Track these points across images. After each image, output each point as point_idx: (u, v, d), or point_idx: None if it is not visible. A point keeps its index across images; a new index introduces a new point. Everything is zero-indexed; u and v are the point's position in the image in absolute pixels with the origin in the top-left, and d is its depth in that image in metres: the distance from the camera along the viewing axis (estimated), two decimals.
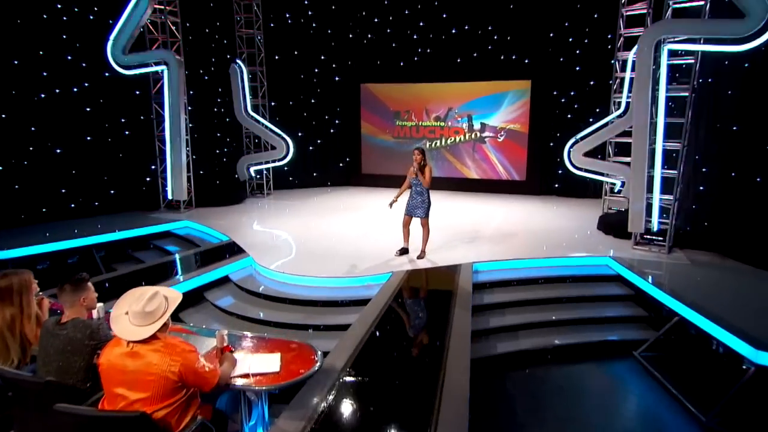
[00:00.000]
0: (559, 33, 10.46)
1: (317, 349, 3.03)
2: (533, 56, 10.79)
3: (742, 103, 5.99)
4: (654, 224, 6.31)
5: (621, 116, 8.19)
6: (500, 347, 4.92)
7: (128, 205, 8.90)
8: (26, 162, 7.54)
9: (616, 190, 8.52)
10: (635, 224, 6.32)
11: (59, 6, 7.74)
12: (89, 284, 2.78)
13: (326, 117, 12.28)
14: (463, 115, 11.60)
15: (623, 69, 8.29)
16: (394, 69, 11.84)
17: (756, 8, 5.15)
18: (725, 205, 6.24)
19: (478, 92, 11.38)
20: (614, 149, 8.57)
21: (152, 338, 2.33)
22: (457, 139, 11.79)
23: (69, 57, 7.93)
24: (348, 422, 2.96)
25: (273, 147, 10.60)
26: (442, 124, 11.82)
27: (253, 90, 10.72)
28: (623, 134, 8.01)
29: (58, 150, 7.92)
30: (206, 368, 2.42)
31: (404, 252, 6.27)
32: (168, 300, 2.48)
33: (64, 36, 7.84)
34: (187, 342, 2.46)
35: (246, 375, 2.70)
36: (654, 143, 6.12)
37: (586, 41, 10.27)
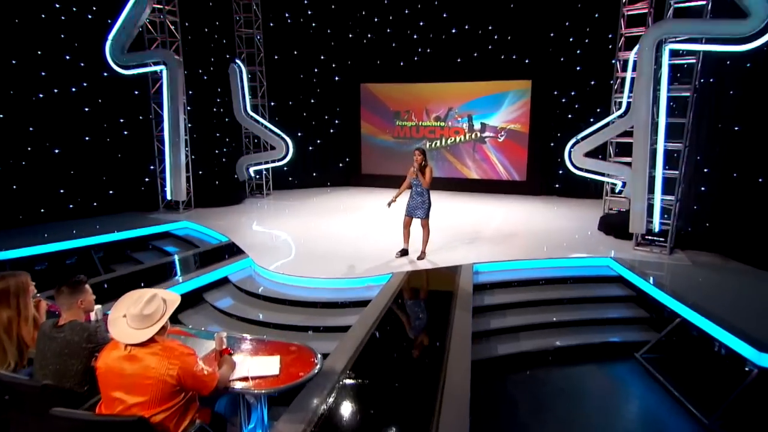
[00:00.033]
0: (560, 33, 10.45)
1: (317, 352, 3.02)
2: (534, 56, 10.78)
3: (744, 104, 5.97)
4: (655, 225, 6.29)
5: (622, 116, 8.18)
6: (501, 349, 4.92)
7: (127, 206, 8.88)
8: (24, 162, 7.51)
9: (617, 191, 8.50)
10: (636, 225, 6.31)
11: (58, 5, 7.71)
12: (87, 286, 2.77)
13: (326, 117, 12.26)
14: (464, 115, 11.58)
15: (624, 69, 8.28)
16: (394, 69, 11.82)
17: (758, 8, 5.13)
18: (727, 206, 6.22)
19: (479, 92, 11.36)
20: (615, 149, 8.56)
21: (150, 341, 2.32)
22: (458, 139, 11.76)
23: (67, 57, 7.91)
24: (348, 425, 2.94)
25: (272, 147, 10.58)
26: (443, 124, 11.80)
27: (253, 90, 10.70)
28: (624, 134, 7.99)
29: (57, 150, 7.90)
30: (205, 371, 2.41)
31: (404, 253, 6.25)
32: (166, 303, 2.47)
33: (63, 35, 7.81)
34: (186, 345, 2.44)
35: (245, 378, 2.70)
36: (655, 143, 6.10)
37: (587, 41, 10.25)
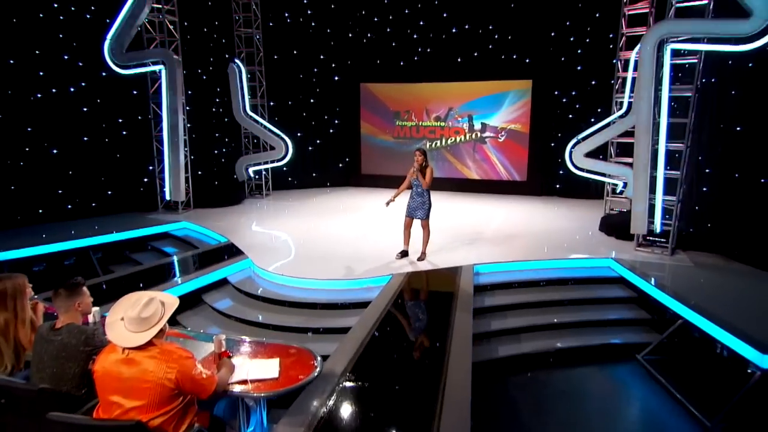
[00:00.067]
0: (561, 32, 10.42)
1: (316, 354, 3.00)
2: (534, 56, 10.75)
3: (746, 104, 5.94)
4: (657, 226, 6.26)
5: (623, 116, 8.14)
6: (502, 350, 4.90)
7: (126, 206, 8.84)
8: (22, 163, 7.48)
9: (618, 191, 8.47)
10: (638, 225, 6.28)
11: (56, 5, 7.68)
12: (84, 289, 2.76)
13: (325, 117, 12.23)
14: (464, 115, 11.55)
15: (625, 69, 8.26)
16: (394, 69, 11.79)
17: (761, 7, 5.10)
18: (729, 207, 6.19)
19: (479, 92, 11.33)
20: (616, 150, 8.53)
21: (148, 344, 2.29)
22: (458, 140, 11.73)
23: (66, 56, 7.87)
24: (348, 428, 2.93)
25: (272, 147, 10.55)
26: (443, 125, 11.76)
27: (252, 90, 10.67)
28: (625, 134, 7.96)
29: (55, 150, 7.87)
30: (203, 375, 2.39)
31: (404, 255, 6.22)
32: (164, 305, 2.45)
33: (61, 35, 7.78)
34: (184, 348, 2.43)
35: (244, 381, 2.68)
36: (657, 144, 6.07)
37: (588, 40, 10.22)
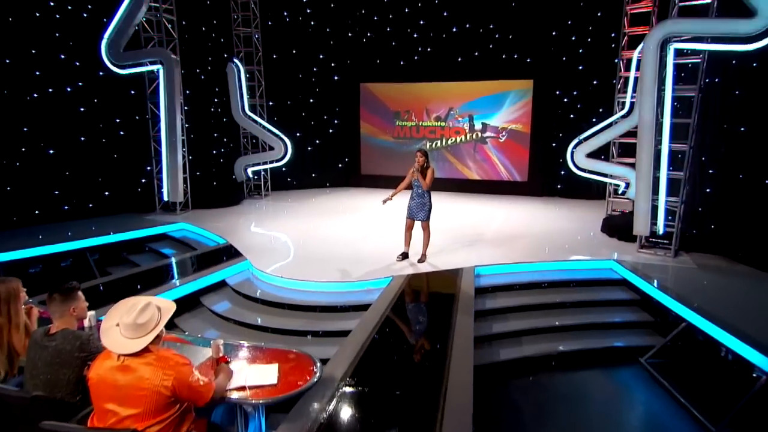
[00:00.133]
0: (562, 32, 10.36)
1: (316, 359, 2.97)
2: (535, 55, 10.69)
3: (750, 104, 5.89)
4: (660, 227, 6.20)
5: (625, 116, 8.08)
6: (503, 354, 4.86)
7: (123, 207, 8.79)
8: (18, 163, 7.43)
9: (620, 192, 8.41)
10: (640, 227, 6.23)
11: (52, 4, 7.62)
12: (79, 293, 2.74)
13: (325, 117, 12.17)
14: (464, 115, 11.49)
15: (627, 68, 8.20)
16: (394, 68, 11.73)
17: (765, 7, 5.05)
18: (733, 208, 6.15)
19: (480, 92, 11.27)
20: (618, 150, 8.47)
21: (144, 351, 2.26)
22: (458, 140, 11.68)
23: (62, 56, 7.82)
24: None
25: (271, 147, 10.49)
26: (443, 125, 11.71)
27: (251, 89, 10.60)
28: (627, 135, 7.91)
29: (51, 151, 7.82)
30: (201, 382, 2.35)
31: (405, 257, 6.16)
32: (161, 311, 2.42)
33: (58, 34, 7.72)
34: (181, 354, 2.39)
35: (242, 388, 2.66)
36: (660, 144, 6.02)
37: (590, 40, 10.16)
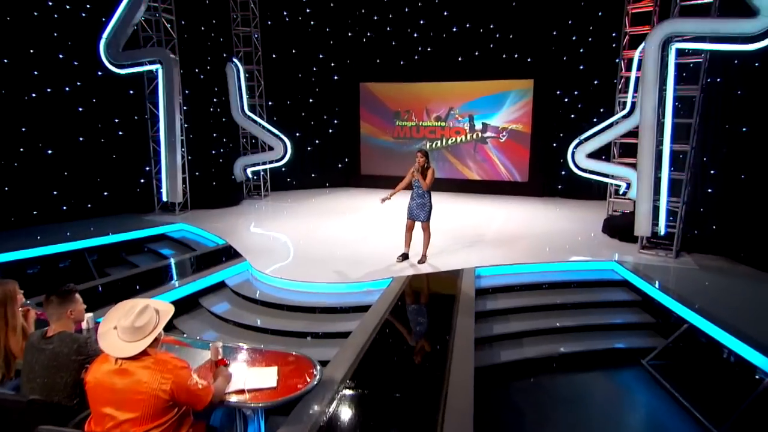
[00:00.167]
0: (563, 31, 10.32)
1: (316, 362, 2.95)
2: (536, 55, 10.64)
3: (752, 104, 5.86)
4: (661, 228, 6.17)
5: (626, 116, 8.05)
6: (504, 355, 4.85)
7: (122, 208, 8.76)
8: (16, 163, 7.40)
9: (621, 192, 8.38)
10: (642, 227, 6.20)
11: (50, 3, 7.59)
12: (77, 296, 2.71)
13: (325, 117, 12.12)
14: (465, 115, 11.45)
15: (628, 68, 8.16)
16: (394, 68, 11.68)
17: (767, 6, 5.02)
18: (734, 208, 6.12)
19: (480, 92, 11.22)
20: (619, 150, 8.44)
21: (142, 354, 2.23)
22: (458, 140, 11.64)
23: (61, 55, 7.79)
24: None
25: (270, 147, 10.46)
26: (443, 124, 11.67)
27: (250, 89, 10.56)
28: (629, 135, 7.88)
29: (50, 151, 7.78)
30: (199, 385, 2.33)
31: (405, 258, 6.13)
32: (159, 313, 2.40)
33: (56, 34, 7.68)
34: (179, 358, 2.36)
35: (241, 391, 2.63)
36: (661, 144, 5.99)
37: (590, 39, 10.11)
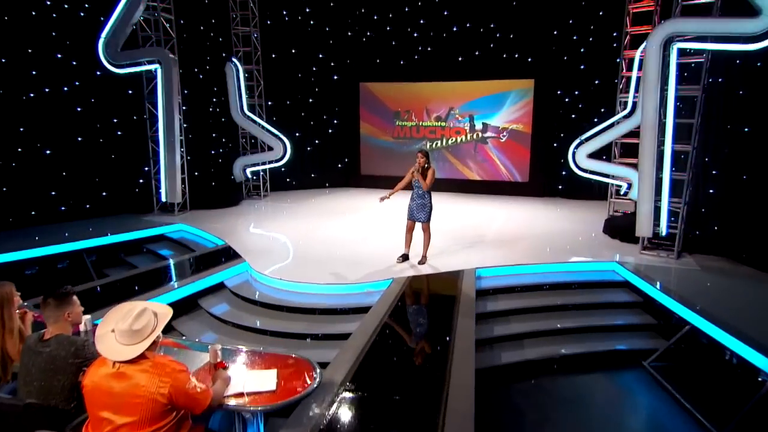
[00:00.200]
0: (563, 31, 10.29)
1: (315, 364, 2.93)
2: (536, 55, 10.62)
3: (754, 104, 5.83)
4: (662, 228, 6.15)
5: (627, 116, 8.02)
6: (505, 357, 4.83)
7: (120, 208, 8.73)
8: (14, 163, 7.38)
9: (622, 192, 8.36)
10: (643, 228, 6.17)
11: (49, 3, 7.56)
12: (74, 298, 2.69)
13: (324, 117, 12.10)
14: (465, 115, 11.43)
15: (629, 68, 8.13)
16: (394, 68, 11.66)
17: None
18: (736, 209, 6.09)
19: (480, 91, 11.20)
20: (620, 150, 8.41)
21: (140, 357, 2.20)
22: (459, 140, 11.62)
23: (59, 55, 7.76)
24: None
25: (270, 147, 10.43)
26: (443, 124, 11.64)
27: (250, 89, 10.53)
28: (630, 135, 7.86)
29: (48, 151, 7.76)
30: (198, 389, 2.30)
31: (405, 259, 6.11)
32: (157, 316, 2.36)
33: (54, 33, 7.66)
34: (178, 361, 2.32)
35: (240, 394, 2.61)
36: (662, 144, 5.96)
37: (591, 39, 10.09)
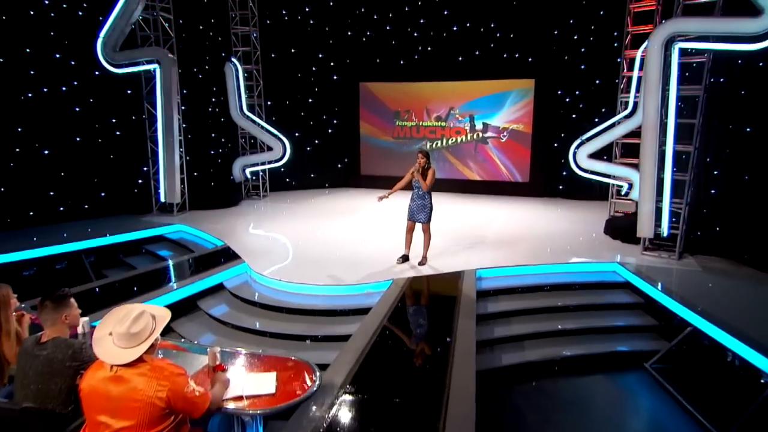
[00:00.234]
0: (564, 30, 10.26)
1: (315, 367, 2.90)
2: (537, 54, 10.59)
3: (756, 104, 5.81)
4: (664, 229, 6.12)
5: (628, 116, 8.00)
6: (505, 359, 4.80)
7: (119, 209, 8.71)
8: (12, 164, 7.35)
9: (623, 193, 8.33)
10: (644, 229, 6.14)
11: (47, 2, 7.53)
12: (72, 300, 2.68)
13: (324, 117, 12.07)
14: (465, 115, 11.40)
15: (630, 68, 8.11)
16: (394, 67, 11.63)
17: None
18: (738, 210, 6.07)
19: (480, 91, 11.17)
20: (621, 150, 8.39)
21: (138, 361, 2.18)
22: (459, 140, 11.59)
23: (57, 55, 7.73)
24: None
25: (269, 148, 10.40)
26: (443, 124, 11.62)
27: (249, 89, 10.51)
28: (631, 135, 7.83)
29: (46, 151, 7.73)
30: (196, 392, 2.27)
31: (405, 259, 6.08)
32: (155, 319, 2.34)
33: (52, 33, 7.63)
34: (176, 364, 2.31)
35: (239, 397, 2.58)
36: (664, 145, 5.94)
37: (592, 39, 10.06)
